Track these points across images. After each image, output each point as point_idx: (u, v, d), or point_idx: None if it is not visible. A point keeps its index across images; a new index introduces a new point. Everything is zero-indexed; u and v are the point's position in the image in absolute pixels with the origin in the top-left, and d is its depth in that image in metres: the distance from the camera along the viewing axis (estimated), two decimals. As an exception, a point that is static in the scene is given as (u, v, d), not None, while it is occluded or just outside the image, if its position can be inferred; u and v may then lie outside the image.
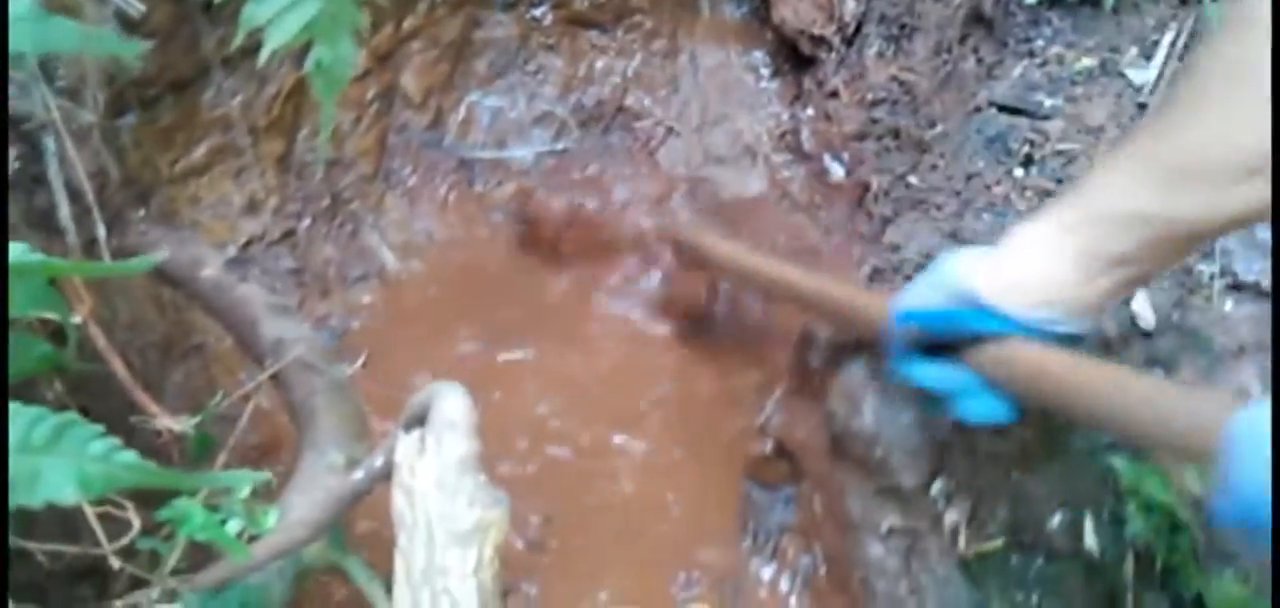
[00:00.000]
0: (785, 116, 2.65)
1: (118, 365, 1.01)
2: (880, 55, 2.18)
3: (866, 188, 2.26)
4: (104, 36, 1.10)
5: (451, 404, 0.90)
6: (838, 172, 2.44)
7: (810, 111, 2.51)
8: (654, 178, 2.59)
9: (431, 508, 0.86)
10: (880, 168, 2.20)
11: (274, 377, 1.09)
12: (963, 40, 2.00)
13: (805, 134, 2.51)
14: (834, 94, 2.42)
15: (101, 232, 1.09)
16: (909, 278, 1.56)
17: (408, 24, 2.22)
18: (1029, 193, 1.53)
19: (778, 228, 2.49)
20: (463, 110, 2.40)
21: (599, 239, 2.36)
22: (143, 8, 0.95)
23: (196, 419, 0.98)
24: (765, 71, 2.68)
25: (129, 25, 1.26)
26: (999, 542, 1.27)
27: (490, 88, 2.44)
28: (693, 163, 2.65)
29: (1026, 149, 1.58)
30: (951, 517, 1.26)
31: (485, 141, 2.42)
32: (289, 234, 2.06)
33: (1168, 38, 1.69)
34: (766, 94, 2.65)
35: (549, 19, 2.47)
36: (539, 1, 2.42)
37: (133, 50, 0.90)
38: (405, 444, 0.93)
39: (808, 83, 2.55)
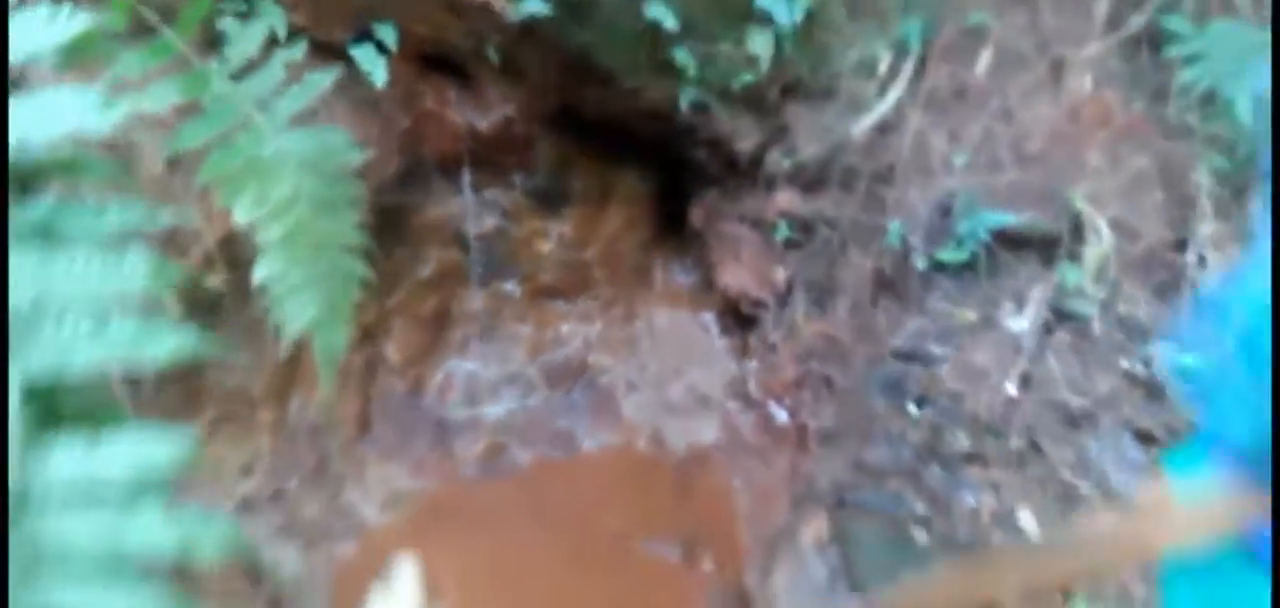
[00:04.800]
0: (735, 369, 2.93)
1: None
2: (807, 315, 2.49)
3: (805, 428, 2.52)
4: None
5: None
6: (781, 416, 2.70)
7: (755, 364, 2.79)
8: (617, 429, 2.84)
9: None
10: (816, 412, 2.46)
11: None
12: (874, 301, 2.31)
13: (752, 384, 2.78)
14: (773, 348, 2.71)
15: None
16: (828, 506, 1.79)
17: (391, 301, 2.52)
18: (922, 426, 1.78)
19: (734, 471, 2.72)
20: (440, 375, 2.67)
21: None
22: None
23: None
24: (714, 330, 2.98)
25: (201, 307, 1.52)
26: None
27: (466, 354, 2.72)
28: (653, 413, 2.91)
29: (920, 390, 1.85)
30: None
31: (461, 402, 2.68)
32: (279, 494, 2.27)
33: (1036, 292, 1.99)
34: (717, 350, 2.94)
35: (518, 293, 2.78)
36: (509, 277, 2.74)
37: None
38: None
39: (752, 339, 2.85)
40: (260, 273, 0.91)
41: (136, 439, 0.51)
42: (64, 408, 0.52)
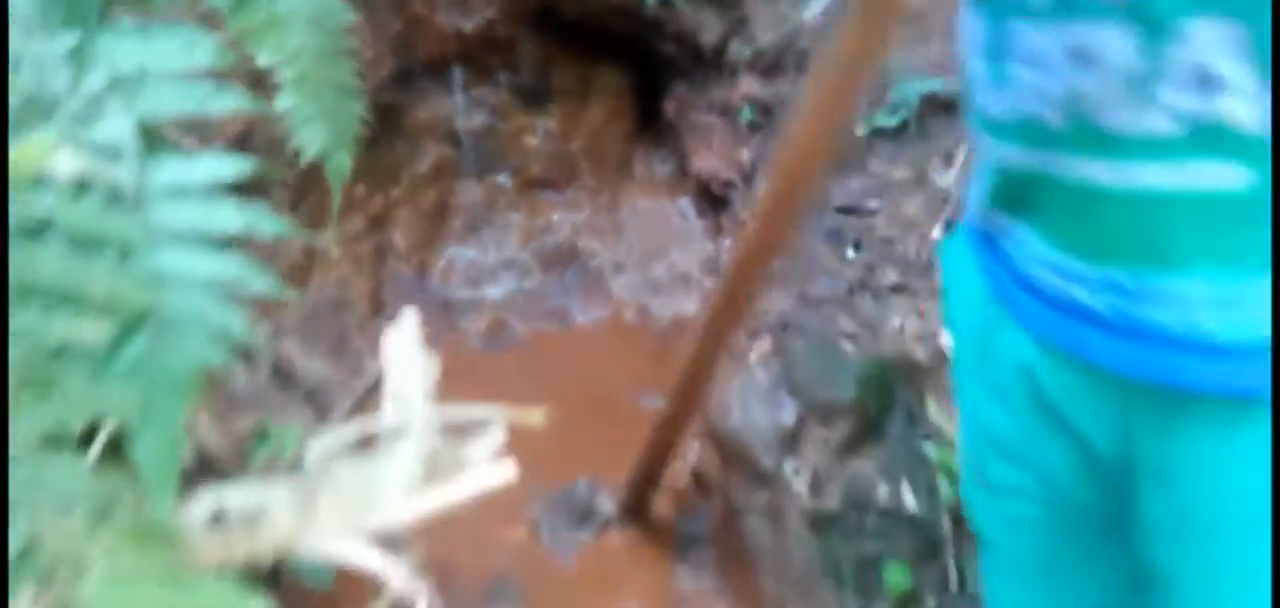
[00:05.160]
0: (710, 247, 3.19)
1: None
2: (770, 186, 2.75)
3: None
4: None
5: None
6: (751, 285, 2.97)
7: (728, 241, 3.05)
8: (607, 305, 3.12)
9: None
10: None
11: None
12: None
13: (724, 258, 3.04)
14: (742, 224, 2.96)
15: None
16: (773, 331, 2.06)
17: (395, 193, 2.79)
18: (857, 265, 2.05)
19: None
20: (443, 260, 2.95)
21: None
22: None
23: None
24: (691, 213, 3.24)
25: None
26: (835, 506, 1.72)
27: (465, 241, 3.00)
28: (639, 291, 3.18)
29: (856, 237, 2.11)
30: (799, 489, 1.72)
31: (463, 284, 2.96)
32: (306, 362, 2.56)
33: (963, 151, 2.25)
34: (693, 231, 3.21)
35: (510, 184, 3.05)
36: (500, 170, 3.00)
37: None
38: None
39: (724, 219, 3.11)
40: (281, 104, 1.18)
41: (213, 159, 0.79)
42: (164, 138, 0.80)
